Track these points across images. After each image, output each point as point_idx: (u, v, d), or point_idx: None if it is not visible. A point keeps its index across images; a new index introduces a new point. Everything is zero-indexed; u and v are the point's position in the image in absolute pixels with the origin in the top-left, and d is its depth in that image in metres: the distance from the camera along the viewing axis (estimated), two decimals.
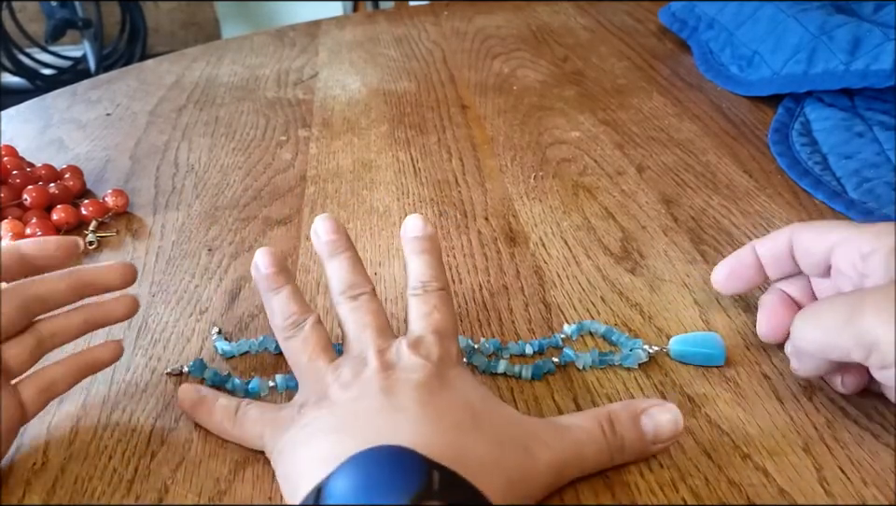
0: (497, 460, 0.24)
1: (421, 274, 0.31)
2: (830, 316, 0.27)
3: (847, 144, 0.50)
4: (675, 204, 0.46)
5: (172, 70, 0.74)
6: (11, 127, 0.62)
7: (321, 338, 0.30)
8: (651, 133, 0.55)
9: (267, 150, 0.56)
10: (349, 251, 0.32)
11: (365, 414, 0.26)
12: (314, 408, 0.27)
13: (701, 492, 0.27)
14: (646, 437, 0.27)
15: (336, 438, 0.25)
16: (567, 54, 0.72)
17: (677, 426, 0.27)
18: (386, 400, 0.26)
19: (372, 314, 0.30)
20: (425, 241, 0.32)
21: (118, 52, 2.44)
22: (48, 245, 0.31)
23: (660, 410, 0.27)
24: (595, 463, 0.27)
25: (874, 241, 0.28)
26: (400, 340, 0.29)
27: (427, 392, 0.26)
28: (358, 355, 0.29)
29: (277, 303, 0.31)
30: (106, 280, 0.31)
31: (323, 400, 0.27)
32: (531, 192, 0.48)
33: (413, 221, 0.32)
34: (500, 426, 0.26)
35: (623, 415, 0.27)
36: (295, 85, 0.68)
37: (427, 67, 0.71)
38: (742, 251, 0.34)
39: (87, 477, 0.29)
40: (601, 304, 0.37)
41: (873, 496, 0.26)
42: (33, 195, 0.46)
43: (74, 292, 0.31)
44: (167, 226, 0.46)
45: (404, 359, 0.28)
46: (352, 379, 0.28)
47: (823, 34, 0.56)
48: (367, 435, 0.24)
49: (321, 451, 0.25)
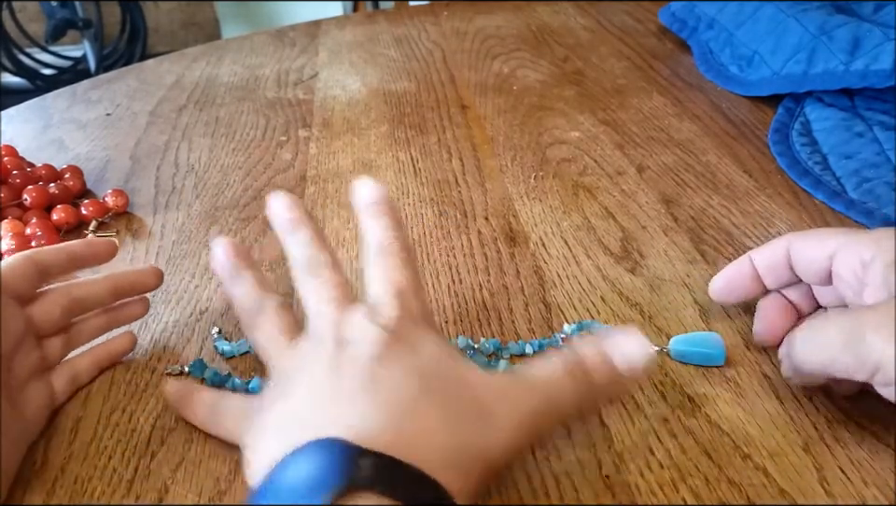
0: (445, 429, 0.23)
1: (379, 237, 0.29)
2: (831, 337, 0.27)
3: (846, 144, 0.50)
4: (675, 204, 0.46)
5: (172, 70, 0.74)
6: (11, 127, 0.62)
7: (283, 319, 0.29)
8: (650, 133, 0.55)
9: (267, 150, 0.56)
10: (307, 227, 0.31)
11: (307, 404, 0.25)
12: (271, 394, 0.27)
13: (701, 492, 0.27)
14: (619, 370, 0.26)
15: (275, 436, 0.24)
16: (567, 54, 0.72)
17: (645, 350, 0.26)
18: (330, 386, 0.25)
19: (333, 287, 0.28)
20: (382, 206, 0.30)
21: (118, 52, 2.44)
22: (97, 246, 0.34)
23: (626, 339, 0.26)
24: (570, 411, 0.26)
25: (874, 247, 0.28)
26: (359, 307, 0.27)
27: (376, 364, 0.25)
28: (317, 332, 0.27)
29: (239, 291, 0.30)
30: (142, 283, 0.34)
31: (279, 385, 0.27)
32: (531, 192, 0.48)
33: (364, 187, 0.31)
34: (453, 390, 0.25)
35: (590, 354, 0.26)
36: (295, 85, 0.68)
37: (426, 67, 0.71)
38: (739, 262, 0.34)
39: (87, 477, 0.29)
40: (601, 304, 0.37)
41: (873, 496, 0.26)
42: (33, 195, 0.46)
43: (112, 294, 0.33)
44: (167, 226, 0.46)
45: (358, 330, 0.26)
46: (306, 358, 0.27)
47: (823, 34, 0.56)
48: (305, 431, 0.23)
49: (265, 451, 0.24)
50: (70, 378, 0.32)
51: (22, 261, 0.30)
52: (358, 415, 0.23)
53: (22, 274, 0.30)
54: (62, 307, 0.31)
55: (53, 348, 0.32)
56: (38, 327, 0.31)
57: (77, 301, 0.32)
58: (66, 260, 0.32)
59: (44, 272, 0.31)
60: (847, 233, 0.30)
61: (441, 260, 0.41)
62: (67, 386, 0.32)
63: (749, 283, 0.33)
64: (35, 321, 0.31)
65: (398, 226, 0.30)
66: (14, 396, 0.29)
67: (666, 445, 0.29)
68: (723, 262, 0.39)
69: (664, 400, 0.31)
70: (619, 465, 0.28)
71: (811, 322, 0.29)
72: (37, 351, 0.31)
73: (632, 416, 0.30)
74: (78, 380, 0.33)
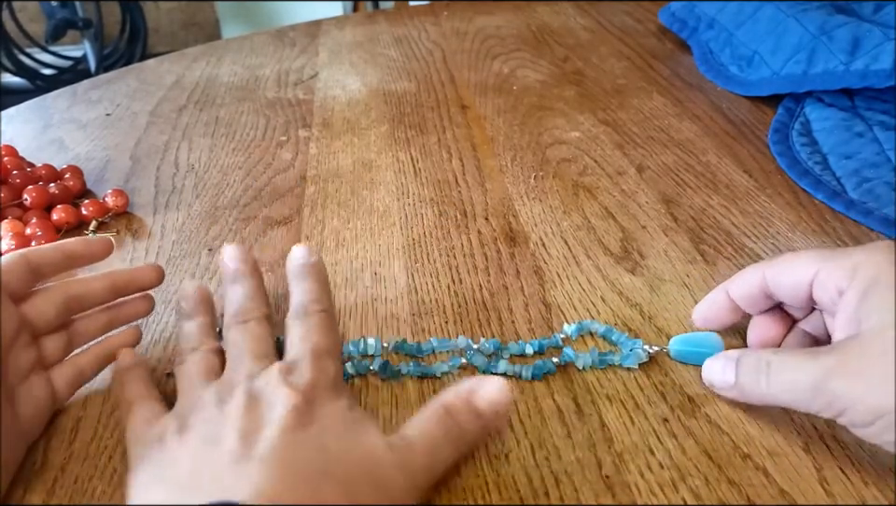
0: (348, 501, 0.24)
1: (302, 298, 0.31)
2: (798, 380, 0.26)
3: (846, 144, 0.50)
4: (675, 204, 0.46)
5: (172, 70, 0.74)
6: (11, 127, 0.62)
7: (212, 363, 0.30)
8: (651, 133, 0.55)
9: (267, 150, 0.56)
10: (249, 279, 0.33)
11: (211, 461, 0.25)
12: (172, 437, 0.26)
13: (701, 492, 0.27)
14: (485, 415, 0.27)
15: (170, 494, 0.24)
16: (567, 54, 0.72)
17: (503, 392, 0.27)
18: (236, 446, 0.25)
19: (256, 339, 0.30)
20: (309, 267, 0.32)
21: (118, 52, 2.44)
22: (92, 244, 0.34)
23: (484, 383, 0.28)
24: (449, 459, 0.27)
25: (850, 275, 0.27)
26: (274, 365, 0.28)
27: (283, 432, 0.25)
28: (229, 381, 0.28)
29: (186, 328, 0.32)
30: (141, 280, 0.34)
31: (179, 431, 0.26)
32: (531, 192, 0.48)
33: (297, 250, 0.33)
34: (353, 468, 0.25)
35: (458, 406, 0.27)
36: (295, 85, 0.68)
37: (426, 67, 0.71)
38: (715, 294, 0.33)
39: (87, 477, 0.29)
40: (601, 304, 0.37)
41: (873, 496, 0.26)
42: (33, 195, 0.46)
43: (110, 292, 0.33)
44: (167, 226, 0.46)
45: (270, 390, 0.27)
46: (213, 409, 0.27)
47: (823, 34, 0.56)
48: (205, 487, 0.24)
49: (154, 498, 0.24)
50: (73, 376, 0.32)
51: (15, 259, 0.30)
52: (263, 486, 0.23)
53: (15, 272, 0.30)
54: (57, 305, 0.31)
55: (52, 347, 0.32)
56: (34, 325, 0.31)
57: (74, 298, 0.32)
58: (61, 258, 0.32)
59: (37, 270, 0.31)
60: (824, 258, 0.29)
61: (441, 260, 0.41)
62: (70, 383, 0.32)
63: (727, 314, 0.33)
64: (30, 319, 0.30)
65: (323, 290, 0.32)
66: (10, 394, 0.29)
67: (666, 445, 0.29)
68: (723, 262, 0.40)
69: (664, 400, 0.31)
70: (619, 465, 0.28)
71: (775, 359, 0.28)
72: (33, 349, 0.31)
73: (632, 416, 0.30)
74: (83, 377, 0.32)
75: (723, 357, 0.30)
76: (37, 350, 0.31)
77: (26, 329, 0.30)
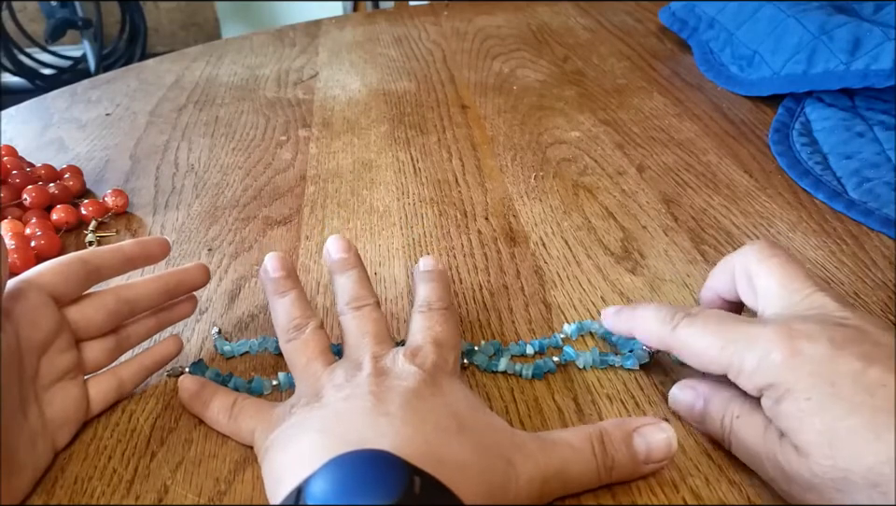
0: (478, 468, 0.24)
1: (427, 296, 0.32)
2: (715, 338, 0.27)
3: (847, 144, 0.50)
4: (675, 204, 0.46)
5: (172, 70, 0.74)
6: (11, 127, 0.62)
7: (320, 342, 0.31)
8: (651, 133, 0.55)
9: (267, 150, 0.56)
10: (357, 268, 0.33)
11: (350, 416, 0.25)
12: (304, 408, 0.27)
13: (701, 492, 0.27)
14: (638, 457, 0.26)
15: (318, 437, 0.25)
16: (567, 54, 0.72)
17: (670, 446, 0.26)
18: (373, 404, 0.26)
19: (373, 322, 0.31)
20: (435, 273, 0.33)
21: (118, 52, 2.43)
22: (149, 245, 0.33)
23: (654, 429, 0.27)
24: (581, 482, 0.26)
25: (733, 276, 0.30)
26: (398, 348, 0.29)
27: (414, 397, 0.26)
28: (355, 360, 0.29)
29: (282, 307, 0.32)
30: (191, 281, 0.34)
31: (314, 400, 0.27)
32: (531, 192, 0.48)
33: (426, 259, 0.34)
34: (485, 434, 0.26)
35: (615, 434, 0.26)
36: (295, 85, 0.68)
37: (426, 67, 0.71)
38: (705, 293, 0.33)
39: (87, 477, 0.29)
40: (601, 304, 0.37)
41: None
42: (33, 195, 0.46)
43: (163, 295, 0.33)
44: (167, 226, 0.46)
45: (398, 366, 0.28)
46: (344, 381, 0.28)
47: (823, 34, 0.56)
48: (349, 436, 0.24)
49: (302, 450, 0.25)
50: (111, 386, 0.31)
51: (71, 261, 0.30)
52: (403, 438, 0.24)
53: (66, 274, 0.29)
54: (108, 310, 0.30)
55: (95, 353, 0.31)
56: (78, 329, 0.30)
57: (126, 302, 0.31)
58: (119, 260, 0.31)
59: (95, 272, 0.30)
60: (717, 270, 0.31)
61: (441, 260, 0.41)
62: (109, 394, 0.31)
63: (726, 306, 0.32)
64: (75, 323, 0.30)
65: (445, 290, 0.33)
66: (39, 395, 0.28)
67: None
68: None
69: (664, 400, 0.31)
70: None
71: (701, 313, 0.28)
72: (71, 354, 0.30)
73: (632, 416, 0.30)
74: (123, 388, 0.32)
75: None
76: (77, 355, 0.30)
77: (66, 332, 0.30)
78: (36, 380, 0.28)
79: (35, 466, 0.28)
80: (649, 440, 0.26)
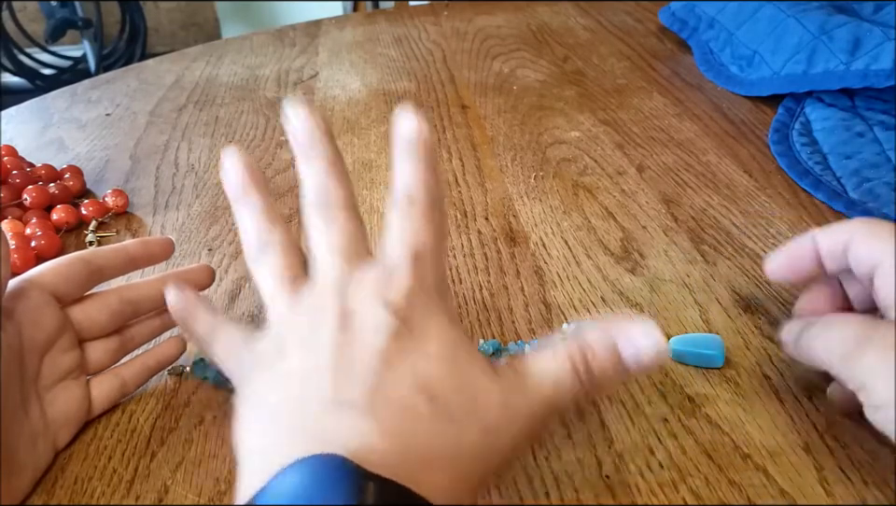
0: (449, 450, 0.22)
1: (408, 184, 0.25)
2: (837, 341, 0.26)
3: (847, 144, 0.50)
4: (675, 204, 0.46)
5: (172, 70, 0.74)
6: (11, 127, 0.62)
7: (290, 266, 0.26)
8: (651, 133, 0.55)
9: (267, 150, 0.56)
10: (326, 153, 0.26)
11: (306, 404, 0.23)
12: (268, 359, 0.25)
13: (701, 492, 0.27)
14: (625, 367, 0.24)
15: (272, 429, 0.23)
16: (567, 54, 0.72)
17: (659, 350, 0.24)
18: (331, 387, 0.23)
19: (342, 233, 0.26)
20: (419, 145, 0.25)
21: (118, 52, 2.44)
22: (152, 245, 0.32)
23: (640, 333, 0.24)
24: (567, 406, 0.25)
25: (882, 250, 0.26)
26: (369, 268, 0.25)
27: (381, 364, 0.23)
28: (319, 288, 0.25)
29: (248, 219, 0.27)
30: (196, 281, 0.33)
31: (276, 352, 0.24)
32: (531, 192, 0.48)
33: (407, 120, 0.25)
34: (459, 401, 0.23)
35: (600, 352, 0.24)
36: (295, 85, 0.68)
37: (426, 67, 0.71)
38: (800, 241, 0.30)
39: (87, 477, 0.29)
40: (601, 304, 0.37)
41: (874, 496, 0.26)
42: (33, 195, 0.46)
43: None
44: (167, 226, 0.46)
45: (365, 307, 0.24)
46: (308, 332, 0.24)
47: (823, 34, 0.56)
48: (304, 433, 0.22)
49: (254, 447, 0.23)
50: (115, 386, 0.31)
51: (73, 261, 0.30)
52: (362, 434, 0.22)
53: (68, 274, 0.29)
54: (111, 310, 0.30)
55: (99, 353, 0.31)
56: (81, 329, 0.30)
57: (130, 303, 0.31)
58: (122, 260, 0.31)
59: (97, 272, 0.30)
60: (861, 223, 0.27)
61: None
62: (111, 394, 0.31)
63: (809, 264, 0.30)
64: (78, 323, 0.30)
65: (432, 172, 0.25)
66: (41, 394, 0.28)
67: (666, 445, 0.29)
68: (723, 262, 0.40)
69: (664, 400, 0.31)
70: (619, 465, 0.28)
71: (828, 318, 0.28)
72: (74, 353, 0.30)
73: (632, 416, 0.30)
74: (125, 388, 0.31)
75: None
76: (79, 355, 0.30)
77: (69, 332, 0.30)
78: (38, 380, 0.28)
79: (36, 466, 0.28)
80: (637, 346, 0.24)
